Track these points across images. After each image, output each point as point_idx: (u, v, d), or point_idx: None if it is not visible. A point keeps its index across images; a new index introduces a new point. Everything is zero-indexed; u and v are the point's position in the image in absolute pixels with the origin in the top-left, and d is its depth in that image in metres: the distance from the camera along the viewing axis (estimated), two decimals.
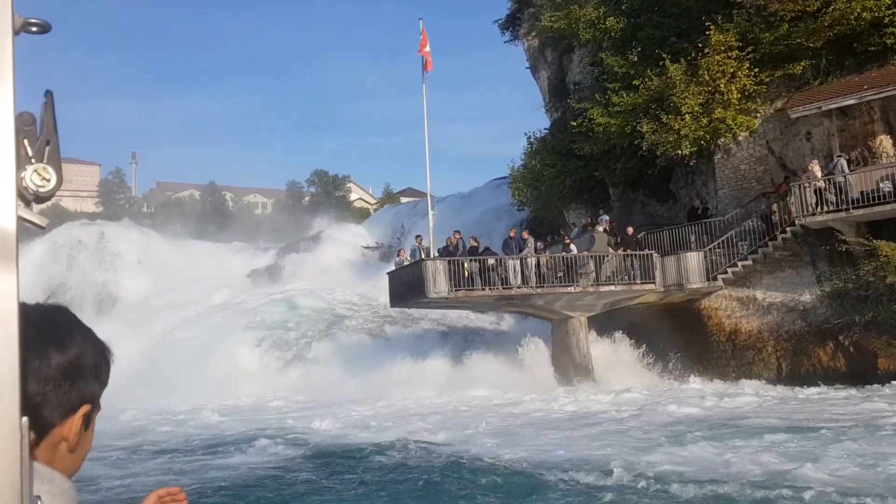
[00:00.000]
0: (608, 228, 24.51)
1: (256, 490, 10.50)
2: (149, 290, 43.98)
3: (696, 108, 23.37)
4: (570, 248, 23.95)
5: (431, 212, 27.15)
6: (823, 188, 20.83)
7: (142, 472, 12.23)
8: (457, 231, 25.48)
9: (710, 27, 23.25)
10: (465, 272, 22.55)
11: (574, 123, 27.20)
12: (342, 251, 47.59)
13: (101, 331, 1.21)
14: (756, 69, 23.21)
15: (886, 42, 21.50)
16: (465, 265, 22.68)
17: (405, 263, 24.83)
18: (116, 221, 56.42)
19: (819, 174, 21.04)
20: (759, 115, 23.83)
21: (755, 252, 22.68)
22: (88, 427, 1.17)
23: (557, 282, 23.09)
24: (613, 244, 23.98)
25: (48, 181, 0.98)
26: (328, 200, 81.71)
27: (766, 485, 9.32)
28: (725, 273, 22.95)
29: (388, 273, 25.94)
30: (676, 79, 23.41)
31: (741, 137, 24.04)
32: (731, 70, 23.12)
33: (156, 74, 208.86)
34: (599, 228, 24.28)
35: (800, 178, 21.81)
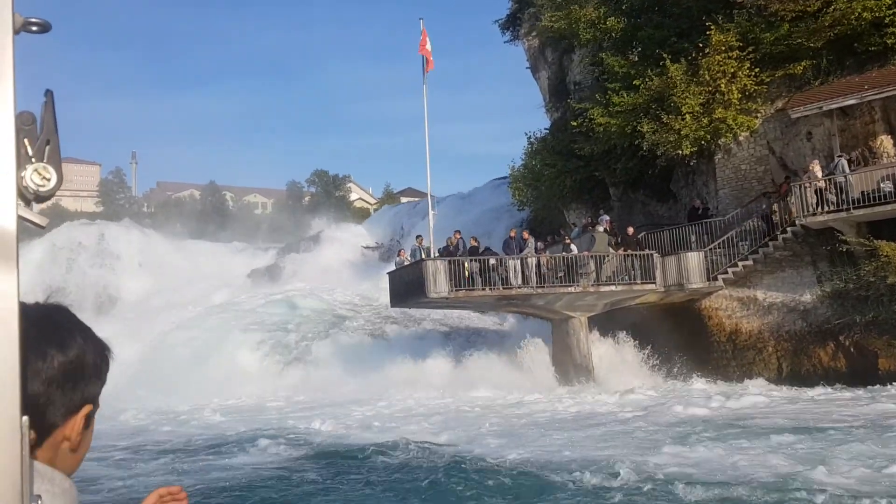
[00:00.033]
0: (609, 228, 24.50)
1: (262, 490, 10.43)
2: (149, 291, 43.97)
3: (697, 108, 23.36)
4: (571, 248, 23.94)
5: (432, 212, 27.14)
6: (824, 188, 20.82)
7: (144, 473, 12.18)
8: (457, 231, 25.46)
9: (711, 27, 23.24)
10: (466, 272, 22.54)
11: (574, 123, 27.20)
12: (342, 251, 47.59)
13: (101, 331, 1.21)
14: (757, 69, 23.20)
15: (887, 42, 21.49)
16: (466, 265, 22.66)
17: (405, 263, 24.82)
18: (117, 221, 56.41)
19: (820, 174, 21.03)
20: (760, 115, 23.82)
21: (756, 252, 22.67)
22: (89, 426, 1.17)
23: (558, 282, 23.08)
24: (614, 244, 23.96)
25: (48, 180, 0.98)
26: (328, 200, 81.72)
27: (776, 487, 9.17)
28: (726, 273, 22.94)
29: (389, 273, 25.93)
30: (677, 79, 23.40)
31: (742, 137, 24.03)
32: (732, 70, 23.11)
33: (156, 74, 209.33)
34: (600, 228, 24.27)
35: (800, 178, 21.80)
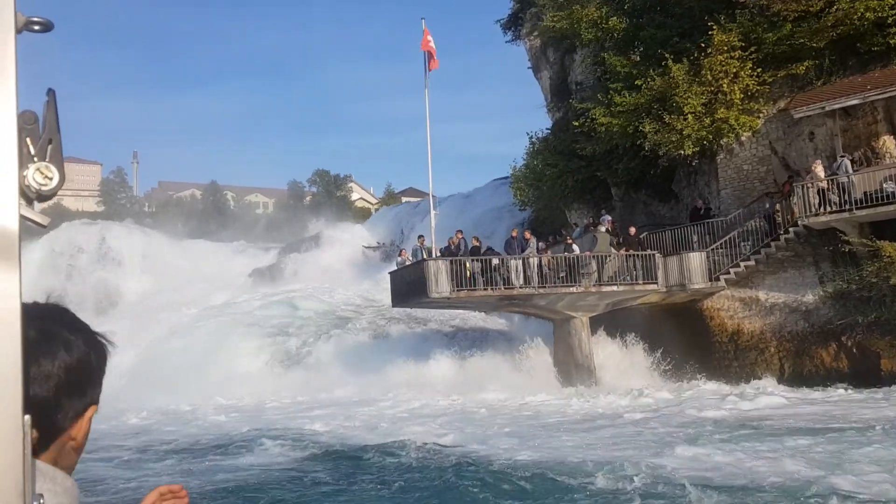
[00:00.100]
0: (610, 228, 24.47)
1: (275, 491, 10.34)
2: (150, 291, 43.98)
3: (699, 108, 23.32)
4: (573, 248, 23.92)
5: (433, 211, 27.10)
6: (826, 188, 20.79)
7: (152, 474, 12.09)
8: (459, 231, 25.43)
9: (713, 27, 23.21)
10: (467, 272, 22.52)
11: (576, 123, 27.18)
12: (343, 251, 47.60)
13: (102, 331, 1.22)
14: (759, 69, 23.17)
15: (890, 42, 21.45)
16: (467, 265, 22.64)
17: (407, 263, 24.81)
18: (118, 221, 56.44)
19: (822, 174, 20.99)
20: (762, 116, 23.78)
21: (758, 252, 22.64)
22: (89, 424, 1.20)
23: (560, 282, 23.06)
24: (616, 244, 23.94)
25: (50, 180, 0.98)
26: (329, 200, 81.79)
27: (794, 493, 8.94)
28: (728, 273, 22.91)
29: (390, 273, 25.91)
30: (679, 79, 23.38)
31: (744, 137, 24.00)
32: (734, 70, 23.08)
33: (157, 74, 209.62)
34: (602, 228, 24.24)
35: (803, 179, 21.76)
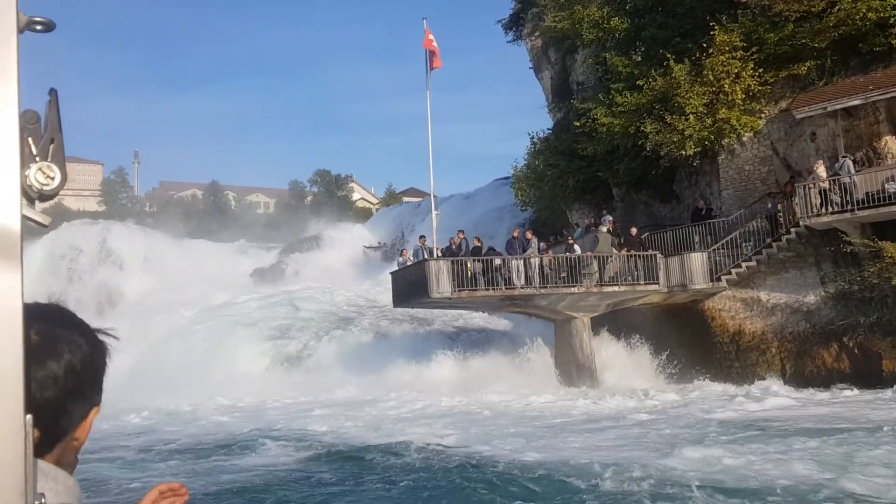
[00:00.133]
0: (612, 229, 24.46)
1: (281, 491, 10.28)
2: (151, 290, 43.95)
3: (701, 109, 23.31)
4: (574, 249, 23.91)
5: (435, 212, 27.07)
6: (828, 189, 20.76)
7: (155, 474, 12.01)
8: (461, 231, 25.43)
9: (715, 27, 23.20)
10: (469, 272, 22.50)
11: (577, 123, 27.16)
12: (344, 251, 47.64)
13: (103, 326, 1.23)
14: (761, 69, 23.15)
15: (892, 42, 21.42)
16: (469, 265, 22.63)
17: (408, 263, 24.80)
18: (120, 221, 56.45)
19: (824, 175, 20.97)
20: (764, 116, 23.76)
21: (759, 253, 22.62)
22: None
23: (561, 282, 23.05)
24: (617, 244, 23.93)
25: (52, 179, 0.98)
26: (330, 200, 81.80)
27: (803, 495, 8.82)
28: (729, 274, 22.89)
29: (392, 273, 25.91)
30: (680, 79, 23.36)
31: (745, 138, 23.98)
32: (736, 70, 23.06)
33: (158, 74, 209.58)
34: (603, 229, 24.23)
35: (804, 179, 21.74)
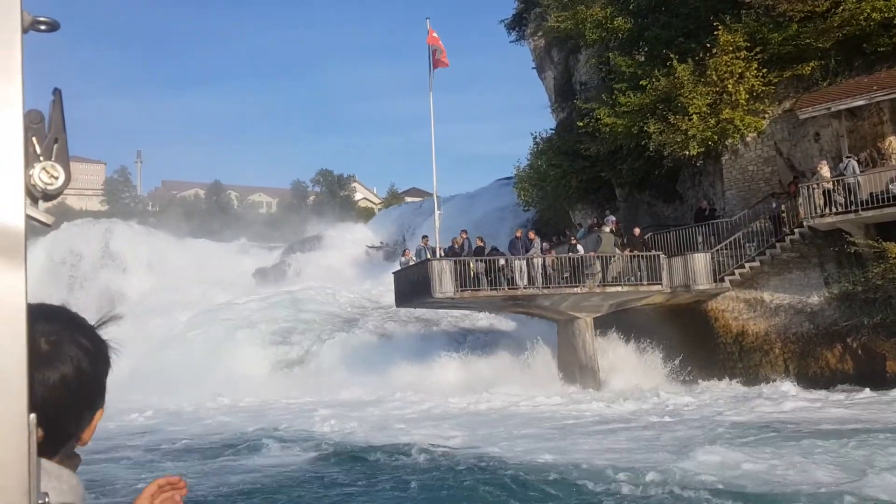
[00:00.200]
0: (615, 229, 24.43)
1: (293, 491, 10.23)
2: (153, 290, 43.96)
3: (704, 109, 23.27)
4: (577, 249, 23.88)
5: (438, 211, 27.03)
6: (832, 189, 20.72)
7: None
8: (464, 231, 25.39)
9: (719, 27, 23.16)
10: (471, 272, 22.47)
11: (580, 124, 27.14)
12: (347, 251, 47.64)
13: (105, 331, 1.23)
14: (764, 69, 23.11)
15: None
16: (471, 265, 22.60)
17: (411, 263, 24.78)
18: (123, 221, 56.48)
19: (828, 175, 20.92)
20: (768, 116, 23.72)
21: (763, 253, 22.58)
22: None
23: (564, 282, 23.02)
24: (620, 245, 23.90)
25: (56, 179, 0.98)
26: (333, 200, 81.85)
27: (827, 501, 8.67)
28: (732, 274, 22.85)
29: (394, 273, 25.90)
30: (684, 79, 23.32)
31: (749, 138, 23.93)
32: (740, 70, 23.02)
33: (159, 74, 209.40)
34: (606, 229, 24.20)
35: (808, 180, 21.70)
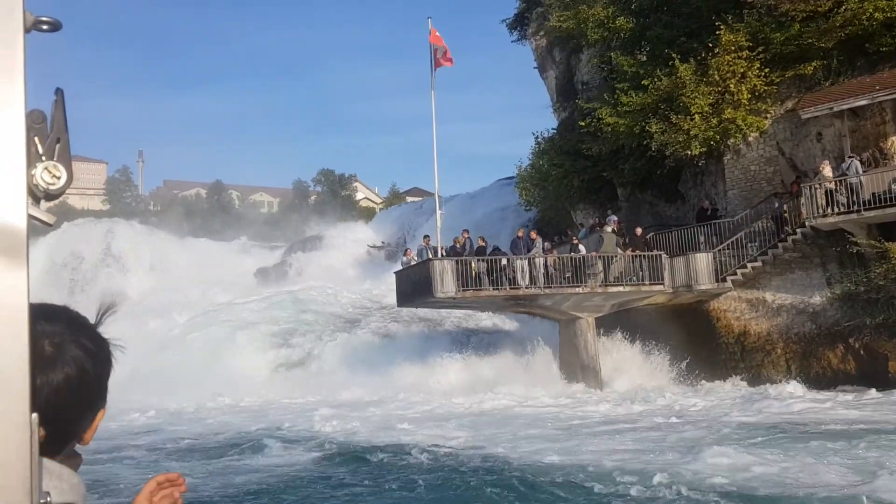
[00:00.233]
0: (616, 229, 24.41)
1: (301, 490, 10.21)
2: (155, 290, 43.98)
3: (706, 109, 23.24)
4: (579, 249, 23.86)
5: (439, 211, 27.00)
6: (834, 189, 20.69)
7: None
8: (465, 230, 25.36)
9: (721, 27, 23.13)
10: (473, 272, 22.45)
11: (582, 123, 27.12)
12: (348, 250, 47.63)
13: (107, 330, 1.24)
14: (767, 69, 23.08)
15: None
16: (473, 265, 22.58)
17: (412, 263, 24.77)
18: (126, 220, 56.54)
19: (830, 175, 20.89)
20: (770, 116, 23.69)
21: (765, 253, 22.55)
22: None
23: (565, 282, 23.00)
24: (622, 245, 23.88)
25: (58, 178, 0.98)
26: (334, 199, 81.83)
27: (839, 502, 8.55)
28: (735, 274, 22.82)
29: (396, 272, 25.88)
30: (686, 79, 23.30)
31: (751, 138, 23.91)
32: (742, 70, 22.99)
33: (160, 73, 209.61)
34: (608, 229, 24.18)
35: (810, 180, 21.67)
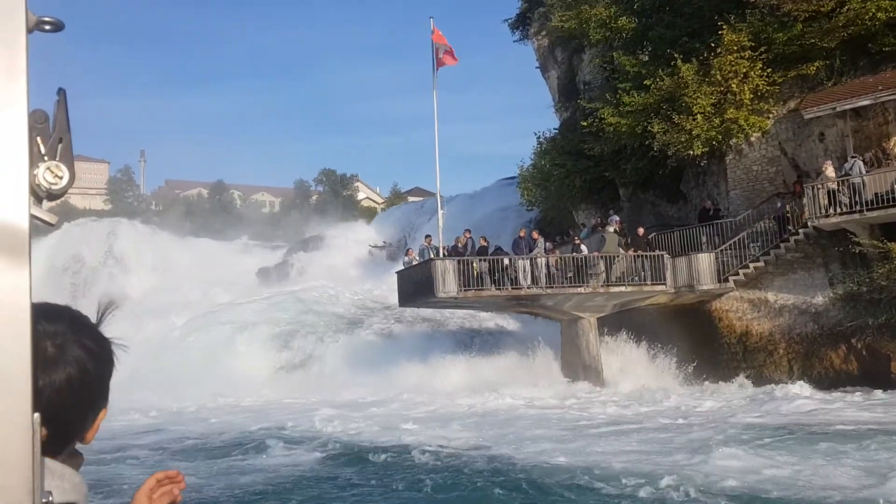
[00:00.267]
0: (618, 229, 24.39)
1: (308, 490, 10.19)
2: (156, 290, 44.00)
3: (708, 109, 23.22)
4: (581, 249, 23.84)
5: (441, 211, 26.99)
6: (837, 189, 20.65)
7: None
8: (467, 230, 25.34)
9: (723, 27, 23.11)
10: (475, 272, 22.43)
11: (584, 123, 27.11)
12: (350, 250, 47.64)
13: (108, 330, 1.24)
14: (769, 69, 23.06)
15: None
16: (475, 265, 22.56)
17: (414, 263, 24.75)
18: (128, 220, 56.60)
19: (832, 175, 20.86)
20: (772, 116, 23.67)
21: (767, 254, 22.53)
22: None
23: (567, 282, 22.98)
24: (624, 245, 23.86)
25: (61, 178, 0.99)
26: (336, 199, 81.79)
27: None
28: (737, 274, 22.80)
29: (398, 272, 25.87)
30: (688, 79, 23.28)
31: (753, 138, 23.88)
32: (744, 70, 22.97)
33: (162, 73, 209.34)
34: (610, 229, 24.17)
35: (812, 180, 21.64)
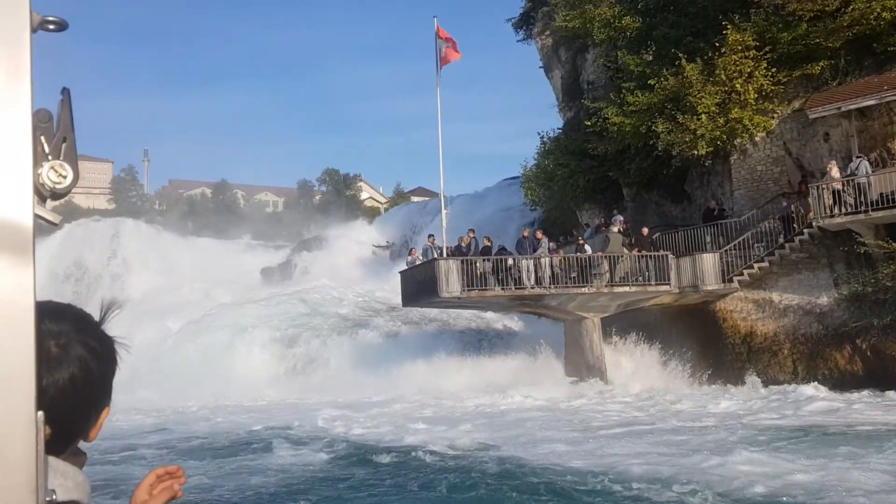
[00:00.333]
0: (622, 229, 24.36)
1: (322, 490, 10.17)
2: (159, 290, 44.05)
3: (713, 108, 23.18)
4: (585, 249, 23.81)
5: (444, 211, 26.98)
6: (841, 190, 20.59)
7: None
8: (471, 230, 25.32)
9: (727, 26, 23.06)
10: (478, 272, 22.41)
11: (588, 123, 27.08)
12: (353, 250, 47.71)
13: (111, 330, 1.25)
14: (773, 69, 23.01)
15: None
16: (478, 265, 22.54)
17: (417, 263, 24.74)
18: (133, 219, 56.69)
19: (837, 175, 20.80)
20: (777, 116, 23.61)
21: (771, 254, 22.47)
22: None
23: (571, 282, 22.96)
24: (628, 245, 23.82)
25: (64, 178, 0.99)
26: (339, 199, 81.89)
27: None
28: (741, 275, 22.75)
29: (401, 272, 25.86)
30: (692, 78, 23.23)
31: (758, 138, 23.83)
32: (749, 70, 22.92)
33: (164, 73, 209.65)
34: (614, 229, 24.14)
35: (817, 180, 21.58)
